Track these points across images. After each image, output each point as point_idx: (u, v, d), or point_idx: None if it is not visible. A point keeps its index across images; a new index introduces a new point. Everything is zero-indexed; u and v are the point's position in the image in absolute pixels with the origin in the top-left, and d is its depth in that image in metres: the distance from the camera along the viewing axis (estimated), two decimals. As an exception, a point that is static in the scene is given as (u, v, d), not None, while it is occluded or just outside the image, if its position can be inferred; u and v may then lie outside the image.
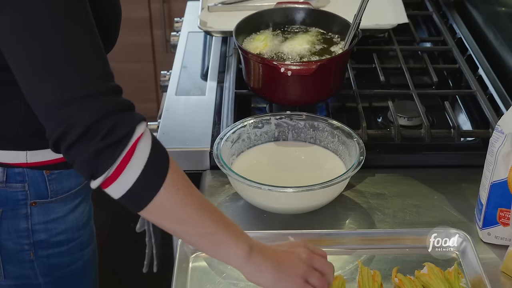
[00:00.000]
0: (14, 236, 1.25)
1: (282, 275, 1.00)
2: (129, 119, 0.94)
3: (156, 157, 0.96)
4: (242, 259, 0.99)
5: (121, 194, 0.96)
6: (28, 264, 1.28)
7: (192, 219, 0.98)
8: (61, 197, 1.26)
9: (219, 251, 1.00)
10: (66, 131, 0.93)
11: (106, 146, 0.92)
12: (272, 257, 1.00)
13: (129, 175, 0.94)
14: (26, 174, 1.21)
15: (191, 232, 0.99)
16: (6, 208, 1.23)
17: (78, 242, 1.33)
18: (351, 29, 1.45)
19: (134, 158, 0.93)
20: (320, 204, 1.25)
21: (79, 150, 0.93)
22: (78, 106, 0.93)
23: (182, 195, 0.97)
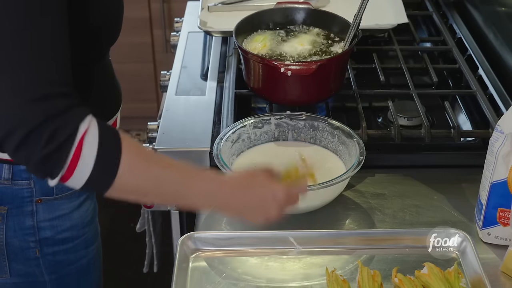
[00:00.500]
0: (19, 234, 1.26)
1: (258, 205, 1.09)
2: (70, 119, 0.97)
3: (105, 146, 0.99)
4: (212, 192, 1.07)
5: (81, 185, 1.00)
6: (33, 261, 1.29)
7: (153, 191, 1.05)
8: (66, 194, 1.27)
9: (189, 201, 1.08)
10: (8, 134, 0.97)
11: (53, 151, 0.96)
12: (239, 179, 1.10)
13: (83, 169, 0.98)
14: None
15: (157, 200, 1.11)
16: (12, 206, 1.24)
17: (83, 239, 1.34)
18: (351, 29, 1.45)
19: (83, 154, 0.97)
20: (320, 204, 1.25)
21: (24, 155, 0.97)
22: (22, 109, 0.96)
23: (139, 173, 1.02)
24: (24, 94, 0.96)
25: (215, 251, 1.14)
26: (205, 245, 1.14)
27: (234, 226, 1.24)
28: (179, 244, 1.13)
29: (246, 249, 1.15)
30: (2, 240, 1.25)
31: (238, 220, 1.25)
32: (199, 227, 1.23)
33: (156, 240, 1.68)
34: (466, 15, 1.90)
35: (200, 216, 1.26)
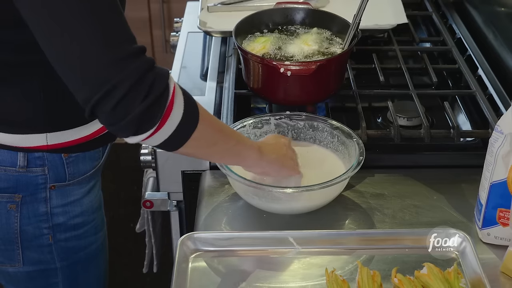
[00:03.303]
0: (33, 221, 1.30)
1: (284, 164, 1.25)
2: (162, 73, 1.02)
3: (188, 101, 1.05)
4: (256, 158, 1.20)
5: (160, 141, 1.05)
6: (46, 248, 1.33)
7: (221, 139, 1.15)
8: (78, 180, 1.31)
9: (240, 158, 1.20)
10: (108, 93, 0.98)
11: (152, 103, 0.99)
12: (273, 152, 1.24)
13: (171, 124, 1.03)
14: (45, 158, 1.26)
15: (219, 150, 1.16)
16: (26, 193, 1.27)
17: (93, 225, 1.38)
18: (351, 29, 1.45)
19: (175, 107, 1.03)
20: (320, 204, 1.25)
21: (124, 111, 0.99)
22: (115, 68, 0.98)
23: (210, 126, 1.11)
24: (118, 51, 0.99)
25: (215, 251, 1.14)
26: (205, 245, 1.14)
27: (234, 226, 1.24)
28: (179, 244, 1.13)
29: (246, 249, 1.15)
30: (16, 229, 1.29)
31: (238, 220, 1.25)
32: (199, 227, 1.23)
33: (156, 240, 1.68)
34: (466, 16, 1.90)
35: (200, 216, 1.26)
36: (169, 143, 1.05)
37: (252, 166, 1.23)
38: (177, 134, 1.04)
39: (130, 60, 0.98)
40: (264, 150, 1.22)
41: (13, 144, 1.23)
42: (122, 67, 0.98)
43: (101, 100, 0.98)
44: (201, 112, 1.08)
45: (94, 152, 1.33)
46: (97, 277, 1.46)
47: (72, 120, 1.25)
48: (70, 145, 1.26)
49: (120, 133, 1.03)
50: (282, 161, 1.25)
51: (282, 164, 1.25)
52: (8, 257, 1.32)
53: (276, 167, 1.24)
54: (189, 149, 1.09)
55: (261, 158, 1.21)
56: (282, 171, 1.26)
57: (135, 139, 1.03)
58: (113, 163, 2.61)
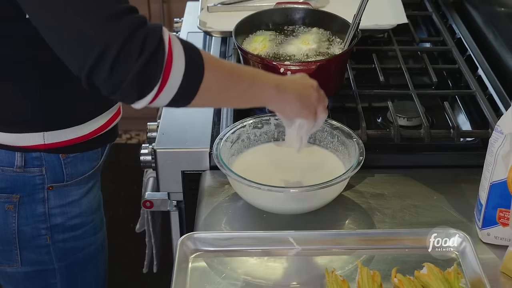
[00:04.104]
0: (31, 221, 1.30)
1: (304, 105, 1.18)
2: (154, 28, 0.98)
3: (188, 49, 1.00)
4: (273, 99, 1.15)
5: (169, 99, 1.00)
6: (44, 249, 1.33)
7: (233, 83, 1.08)
8: (76, 181, 1.31)
9: (255, 99, 1.15)
10: (100, 57, 0.95)
11: (149, 57, 0.95)
12: (295, 91, 1.17)
13: (175, 77, 0.98)
14: (43, 159, 1.25)
15: (233, 95, 1.10)
16: (24, 194, 1.27)
17: (91, 226, 1.38)
18: (351, 29, 1.45)
19: (175, 59, 0.98)
20: (320, 204, 1.25)
21: (122, 71, 0.95)
22: (103, 28, 0.95)
23: (219, 71, 1.05)
24: (107, 10, 0.96)
25: (215, 251, 1.14)
26: (205, 245, 1.14)
27: (234, 226, 1.24)
28: (179, 244, 1.13)
29: (245, 249, 1.15)
30: (14, 229, 1.29)
31: (238, 220, 1.25)
32: (199, 227, 1.23)
33: (156, 241, 1.68)
34: (466, 16, 1.90)
35: (200, 216, 1.26)
36: (179, 98, 1.01)
37: (271, 104, 1.18)
38: (185, 86, 1.00)
39: (118, 19, 0.95)
40: (283, 87, 1.16)
41: (10, 143, 1.23)
42: (110, 26, 0.95)
43: (95, 65, 0.95)
44: (206, 58, 1.02)
45: (93, 153, 1.32)
46: (96, 278, 1.46)
47: (69, 118, 1.25)
48: (67, 144, 1.26)
49: (125, 98, 0.99)
50: (303, 102, 1.18)
51: (302, 105, 1.18)
52: (6, 257, 1.32)
53: (295, 106, 1.18)
54: (202, 99, 1.04)
55: (278, 95, 1.15)
56: (302, 112, 1.19)
57: (142, 103, 0.99)
58: (113, 163, 2.61)
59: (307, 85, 1.20)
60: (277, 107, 1.19)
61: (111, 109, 1.31)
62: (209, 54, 1.06)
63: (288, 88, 1.17)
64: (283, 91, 1.15)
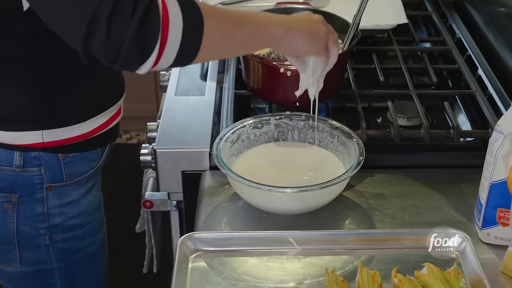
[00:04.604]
0: (30, 221, 1.29)
1: (313, 40, 1.17)
2: None
3: (184, 2, 0.96)
4: (281, 39, 1.13)
5: (173, 57, 0.96)
6: (43, 249, 1.32)
7: (237, 28, 1.06)
8: (75, 181, 1.31)
9: (264, 41, 1.13)
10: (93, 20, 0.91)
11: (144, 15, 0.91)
12: (303, 27, 1.16)
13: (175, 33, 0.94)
14: (42, 158, 1.25)
15: (238, 41, 1.07)
16: (23, 193, 1.27)
17: (91, 226, 1.38)
18: (351, 29, 1.45)
19: (171, 13, 0.94)
20: (320, 204, 1.25)
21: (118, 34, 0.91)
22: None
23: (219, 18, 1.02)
24: None
25: (215, 251, 1.14)
26: (205, 245, 1.14)
27: (234, 226, 1.24)
28: (179, 244, 1.13)
29: (245, 249, 1.15)
30: (13, 228, 1.29)
31: (238, 220, 1.25)
32: (199, 227, 1.23)
33: (156, 241, 1.68)
34: (466, 16, 1.90)
35: (200, 216, 1.26)
36: (183, 55, 0.97)
37: (279, 45, 1.16)
38: (187, 40, 0.96)
39: None
40: (290, 25, 1.14)
41: (8, 142, 1.23)
42: None
43: (90, 32, 0.92)
44: (203, 7, 0.99)
45: (92, 153, 1.32)
46: (96, 278, 1.45)
47: (68, 117, 1.24)
48: (66, 143, 1.26)
49: (127, 65, 0.95)
50: (311, 36, 1.17)
51: (311, 39, 1.17)
52: (6, 257, 1.32)
53: (305, 42, 1.16)
54: (207, 52, 1.01)
55: (287, 34, 1.13)
56: (312, 47, 1.18)
57: (146, 67, 0.95)
58: (113, 163, 2.61)
59: (313, 20, 1.19)
60: (286, 46, 1.17)
61: (111, 108, 1.31)
62: (206, 3, 1.03)
63: (295, 25, 1.15)
64: (289, 29, 1.14)
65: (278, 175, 1.31)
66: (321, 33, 1.19)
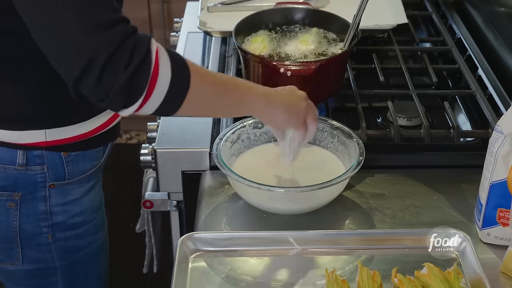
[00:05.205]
0: (33, 219, 1.30)
1: (292, 115, 1.20)
2: (142, 39, 0.99)
3: (176, 61, 1.02)
4: (263, 111, 1.18)
5: (155, 108, 1.02)
6: (46, 247, 1.33)
7: (220, 94, 1.10)
8: (77, 179, 1.32)
9: (245, 109, 1.17)
10: (88, 64, 0.96)
11: (136, 69, 0.97)
12: (284, 102, 1.19)
13: (161, 88, 1.00)
14: (45, 157, 1.26)
15: (220, 106, 1.12)
16: (25, 192, 1.28)
17: (93, 224, 1.38)
18: (351, 29, 1.45)
19: (161, 71, 0.99)
20: (320, 204, 1.25)
21: (109, 80, 0.96)
22: (93, 38, 0.96)
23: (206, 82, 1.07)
24: (90, 21, 0.97)
25: (215, 251, 1.14)
26: (205, 245, 1.14)
27: (234, 226, 1.24)
28: (179, 245, 1.13)
29: (246, 249, 1.15)
30: (15, 226, 1.29)
31: (238, 220, 1.25)
32: (199, 228, 1.23)
33: (156, 241, 1.68)
34: (466, 16, 1.90)
35: (200, 216, 1.26)
36: (165, 108, 1.03)
37: (260, 116, 1.21)
38: (170, 97, 1.01)
39: (107, 29, 0.97)
40: (272, 98, 1.18)
41: (11, 141, 1.23)
42: (99, 35, 0.96)
43: (83, 74, 0.97)
44: (192, 69, 1.04)
45: (94, 151, 1.33)
46: (97, 277, 1.46)
47: (70, 116, 1.25)
48: (69, 142, 1.26)
49: (111, 107, 1.01)
50: (291, 112, 1.20)
51: (290, 114, 1.20)
52: (8, 255, 1.33)
53: (284, 116, 1.20)
54: (189, 110, 1.06)
55: (267, 106, 1.18)
56: (290, 122, 1.22)
57: (128, 111, 1.01)
58: (114, 163, 2.61)
59: (294, 96, 1.22)
60: (266, 117, 1.21)
61: None
62: (197, 65, 1.08)
63: (276, 99, 1.19)
64: (271, 103, 1.18)
65: (278, 175, 1.31)
66: (301, 109, 1.21)
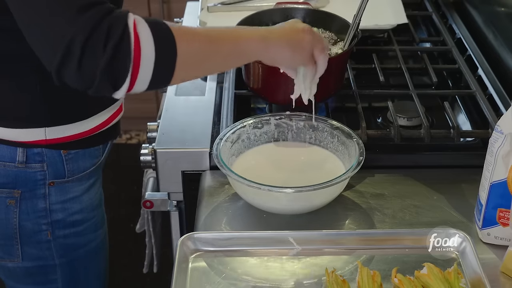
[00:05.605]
0: (32, 217, 1.30)
1: (296, 51, 1.16)
2: (117, 17, 0.97)
3: (158, 30, 0.99)
4: (262, 53, 1.13)
5: (147, 82, 0.99)
6: (45, 244, 1.33)
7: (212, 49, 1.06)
8: (77, 177, 1.32)
9: (244, 57, 1.14)
10: (66, 51, 0.95)
11: (115, 48, 0.95)
12: (285, 39, 1.14)
13: (147, 60, 0.97)
14: (44, 155, 1.26)
15: (216, 61, 1.08)
16: (25, 189, 1.28)
17: (92, 222, 1.39)
18: (351, 29, 1.45)
19: (143, 43, 0.97)
20: (320, 204, 1.25)
21: (90, 64, 0.95)
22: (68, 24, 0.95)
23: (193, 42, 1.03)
24: (66, 9, 0.96)
25: (215, 252, 1.14)
26: (205, 245, 1.14)
27: (234, 226, 1.24)
28: (179, 245, 1.13)
29: (246, 249, 1.15)
30: (15, 224, 1.30)
31: (238, 220, 1.25)
32: (199, 228, 1.23)
33: (156, 241, 1.68)
34: (466, 16, 1.90)
35: (200, 216, 1.26)
36: (158, 80, 1.01)
37: (261, 58, 1.16)
38: (159, 68, 0.99)
39: (83, 13, 0.96)
40: (270, 37, 1.13)
41: (11, 138, 1.23)
42: (75, 21, 0.95)
43: (62, 62, 0.96)
44: (177, 32, 1.01)
45: (94, 149, 1.33)
46: (97, 275, 1.46)
47: (70, 114, 1.25)
48: (69, 140, 1.26)
49: (100, 92, 0.99)
50: (294, 48, 1.15)
51: (294, 50, 1.15)
52: (8, 252, 1.33)
53: (286, 54, 1.15)
54: (183, 74, 1.04)
55: (267, 48, 1.13)
56: (296, 59, 1.18)
57: (120, 93, 0.99)
58: (114, 163, 2.61)
59: (296, 30, 1.17)
60: (269, 60, 1.17)
61: (112, 106, 1.32)
62: (182, 26, 1.04)
63: (275, 37, 1.14)
64: (270, 42, 1.13)
65: (278, 175, 1.31)
66: (305, 43, 1.17)
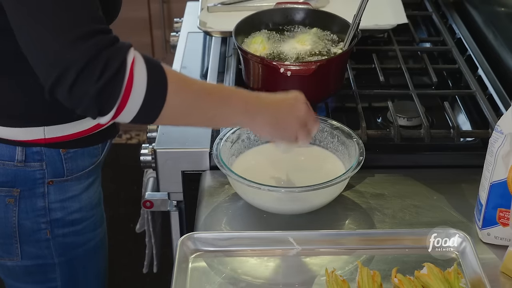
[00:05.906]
0: (31, 215, 1.30)
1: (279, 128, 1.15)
2: (118, 51, 1.00)
3: (153, 73, 1.01)
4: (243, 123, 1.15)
5: (131, 118, 1.02)
6: (44, 243, 1.33)
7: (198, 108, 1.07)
8: (76, 176, 1.32)
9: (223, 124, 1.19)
10: (61, 74, 0.98)
11: (108, 80, 0.98)
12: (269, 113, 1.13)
13: (135, 100, 1.00)
14: (43, 153, 1.26)
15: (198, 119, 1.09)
16: (24, 188, 1.28)
17: (91, 221, 1.38)
18: (351, 29, 1.45)
19: (135, 83, 0.99)
20: (320, 204, 1.25)
21: (80, 91, 0.98)
22: (71, 48, 0.98)
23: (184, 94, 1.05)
24: (68, 33, 0.98)
25: (215, 252, 1.14)
26: (205, 245, 1.14)
27: (234, 226, 1.24)
28: (179, 245, 1.13)
29: (245, 249, 1.15)
30: (14, 222, 1.30)
31: (238, 220, 1.25)
32: (199, 228, 1.23)
33: (156, 241, 1.68)
34: (466, 16, 1.90)
35: (200, 216, 1.26)
36: (141, 118, 1.03)
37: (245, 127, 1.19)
38: (146, 108, 1.01)
39: (86, 40, 0.98)
40: (254, 111, 1.12)
41: (11, 137, 1.23)
42: (76, 48, 0.97)
43: (56, 83, 0.99)
44: (171, 80, 1.03)
45: (93, 148, 1.33)
46: (96, 274, 1.46)
47: (69, 113, 1.24)
48: (68, 139, 1.26)
49: (87, 115, 1.02)
50: (277, 127, 1.15)
51: (275, 129, 1.15)
52: (7, 250, 1.33)
53: (266, 130, 1.15)
54: (165, 121, 1.08)
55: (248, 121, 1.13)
56: (275, 136, 1.17)
57: (104, 119, 1.02)
58: (113, 163, 2.61)
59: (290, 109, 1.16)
60: (252, 130, 1.22)
61: None
62: (178, 74, 1.07)
63: (260, 111, 1.13)
64: (253, 115, 1.13)
65: (278, 175, 1.31)
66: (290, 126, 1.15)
